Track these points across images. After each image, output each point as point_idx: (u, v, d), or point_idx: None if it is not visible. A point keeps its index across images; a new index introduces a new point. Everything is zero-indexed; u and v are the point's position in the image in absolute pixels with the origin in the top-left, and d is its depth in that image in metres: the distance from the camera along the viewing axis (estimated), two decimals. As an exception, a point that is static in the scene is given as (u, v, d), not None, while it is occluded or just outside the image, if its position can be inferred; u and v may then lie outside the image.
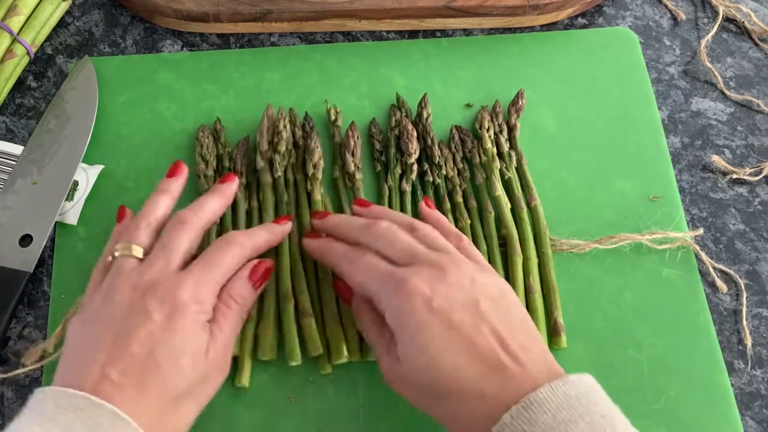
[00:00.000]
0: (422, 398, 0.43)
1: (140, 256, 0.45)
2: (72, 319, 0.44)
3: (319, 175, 0.54)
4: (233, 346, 0.46)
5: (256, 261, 0.48)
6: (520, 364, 0.40)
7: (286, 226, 0.51)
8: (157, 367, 0.40)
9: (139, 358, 0.40)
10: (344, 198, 0.54)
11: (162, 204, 0.48)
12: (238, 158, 0.55)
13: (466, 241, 0.47)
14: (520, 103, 0.58)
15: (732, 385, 0.50)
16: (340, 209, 0.54)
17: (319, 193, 0.53)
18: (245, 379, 0.48)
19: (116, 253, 0.45)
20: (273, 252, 0.51)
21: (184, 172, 0.50)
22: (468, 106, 0.59)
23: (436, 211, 0.50)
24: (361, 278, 0.45)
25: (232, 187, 0.51)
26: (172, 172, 0.50)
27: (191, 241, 0.46)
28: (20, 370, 0.49)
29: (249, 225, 0.53)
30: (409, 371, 0.42)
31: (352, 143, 0.55)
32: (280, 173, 0.54)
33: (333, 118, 0.57)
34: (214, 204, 0.49)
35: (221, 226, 0.53)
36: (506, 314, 0.42)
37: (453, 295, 0.42)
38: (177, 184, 0.50)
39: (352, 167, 0.54)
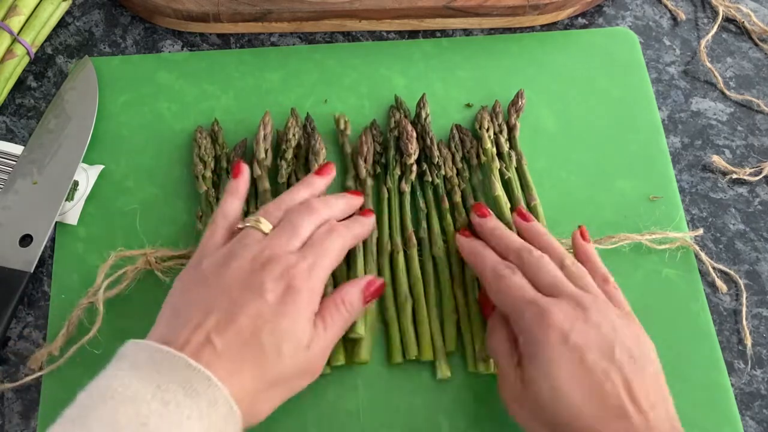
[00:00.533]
0: (533, 424, 0.42)
1: (267, 231, 0.46)
2: (183, 271, 0.45)
3: None
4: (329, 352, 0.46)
5: (373, 276, 0.48)
6: (645, 417, 0.39)
7: (373, 219, 0.52)
8: (260, 347, 0.40)
9: (244, 333, 0.40)
10: None
11: (301, 194, 0.49)
12: (236, 161, 0.55)
13: (613, 283, 0.47)
14: (520, 103, 0.58)
15: (732, 385, 0.50)
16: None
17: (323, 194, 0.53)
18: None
19: (247, 224, 0.46)
20: None
21: (332, 174, 0.52)
22: (468, 106, 0.59)
23: (591, 245, 0.50)
24: (505, 297, 0.45)
25: (354, 202, 0.52)
26: (321, 171, 0.52)
27: (311, 230, 0.46)
28: (29, 377, 0.49)
29: None
30: (531, 397, 0.42)
31: (365, 149, 0.55)
32: (284, 179, 0.54)
33: (342, 127, 0.57)
34: (341, 206, 0.50)
35: None
36: (640, 366, 0.42)
37: (590, 335, 0.42)
38: (321, 183, 0.51)
39: (364, 173, 0.54)
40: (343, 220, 0.50)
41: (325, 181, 0.52)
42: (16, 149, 0.56)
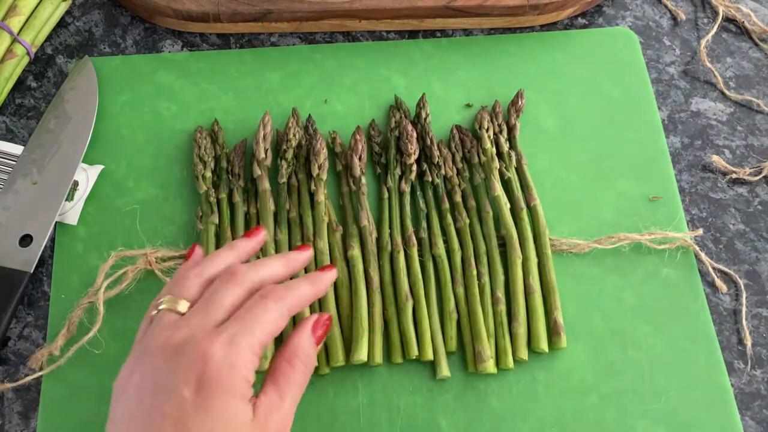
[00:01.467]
0: None
1: (184, 310, 0.39)
2: (119, 374, 0.39)
3: (324, 176, 0.54)
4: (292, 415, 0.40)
5: (316, 314, 0.43)
6: None
7: (331, 275, 0.45)
8: None
9: None
10: (347, 202, 0.54)
11: (223, 260, 0.42)
12: (236, 161, 0.55)
13: None
14: (520, 103, 0.58)
15: (732, 385, 0.50)
16: (342, 211, 0.54)
17: (322, 194, 0.53)
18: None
19: (161, 307, 0.40)
20: None
21: (261, 236, 0.46)
22: (468, 106, 0.59)
23: None
24: None
25: (301, 257, 0.45)
26: (249, 234, 0.45)
27: (238, 299, 0.39)
28: (29, 377, 0.49)
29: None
30: None
31: (360, 147, 0.55)
32: (284, 179, 0.54)
33: (333, 136, 0.57)
34: (275, 267, 0.43)
35: (219, 228, 0.53)
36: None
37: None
38: (248, 247, 0.44)
39: (358, 171, 0.54)
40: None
41: (252, 244, 0.45)
42: (16, 149, 0.56)
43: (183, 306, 0.39)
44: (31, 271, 0.51)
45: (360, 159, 0.55)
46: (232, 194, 0.54)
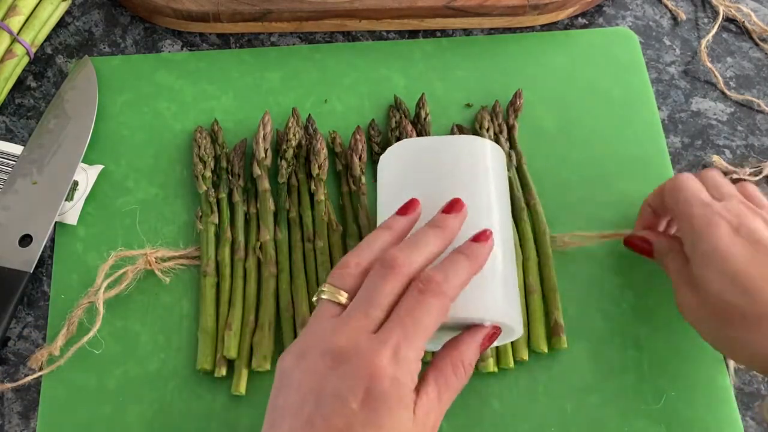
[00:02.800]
0: (712, 326, 0.44)
1: (344, 302, 0.39)
2: (285, 355, 0.39)
3: (324, 176, 0.54)
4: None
5: (490, 326, 0.42)
6: None
7: (489, 245, 0.42)
8: None
9: None
10: (347, 202, 0.54)
11: (381, 244, 0.41)
12: (236, 161, 0.55)
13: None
14: (519, 103, 0.58)
15: (732, 385, 0.50)
16: (341, 211, 0.54)
17: (323, 194, 0.53)
18: (242, 388, 0.48)
19: (322, 296, 0.40)
20: (274, 262, 0.51)
21: (417, 211, 0.44)
22: (468, 106, 0.59)
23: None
24: (683, 195, 0.46)
25: (456, 221, 0.43)
26: (404, 210, 0.44)
27: (396, 294, 0.39)
28: (29, 377, 0.49)
29: (247, 232, 0.53)
30: (705, 297, 0.44)
31: (360, 147, 0.55)
32: (284, 179, 0.54)
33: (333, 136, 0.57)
34: (432, 245, 0.41)
35: (219, 228, 0.53)
36: None
37: (760, 223, 0.43)
38: (405, 225, 0.43)
39: (358, 170, 0.54)
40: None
41: (409, 221, 0.43)
42: (16, 149, 0.56)
43: (342, 297, 0.39)
44: (31, 271, 0.51)
45: (360, 159, 0.55)
46: (232, 194, 0.54)
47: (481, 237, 0.42)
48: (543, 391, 0.49)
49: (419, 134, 0.56)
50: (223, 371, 0.48)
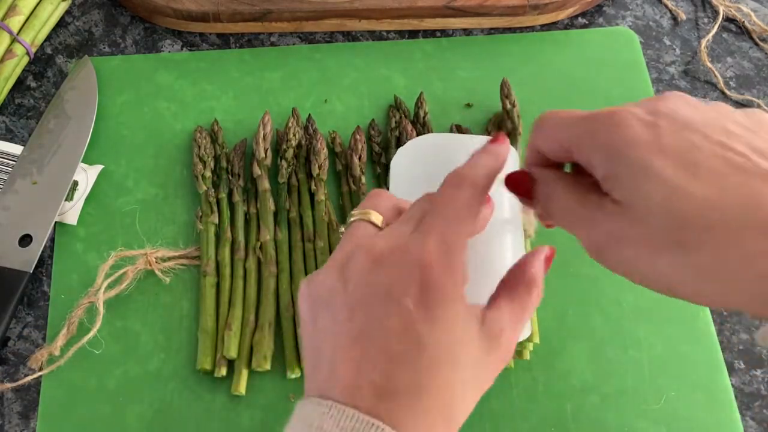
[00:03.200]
0: (659, 259, 0.31)
1: (378, 223, 0.36)
2: (302, 289, 0.35)
3: (325, 176, 0.54)
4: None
5: (547, 247, 0.39)
6: None
7: (506, 145, 0.39)
8: (433, 367, 0.32)
9: (406, 358, 0.32)
10: (347, 202, 0.54)
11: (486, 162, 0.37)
12: (236, 161, 0.55)
13: None
14: (508, 91, 0.57)
15: (732, 385, 0.50)
16: (341, 211, 0.54)
17: (323, 194, 0.53)
18: (242, 388, 0.48)
19: (352, 219, 0.37)
20: (274, 262, 0.51)
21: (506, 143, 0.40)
22: (468, 106, 0.59)
23: None
24: (553, 131, 0.37)
25: (503, 147, 0.39)
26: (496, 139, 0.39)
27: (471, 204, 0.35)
28: (29, 377, 0.49)
29: (247, 232, 0.53)
30: (636, 221, 0.31)
31: (360, 146, 0.55)
32: (284, 179, 0.54)
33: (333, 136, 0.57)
34: (489, 161, 0.37)
35: (219, 228, 0.53)
36: (765, 132, 0.31)
37: (683, 114, 0.32)
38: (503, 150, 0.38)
39: (358, 170, 0.54)
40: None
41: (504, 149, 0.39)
42: (16, 149, 0.56)
43: (376, 218, 0.36)
44: (31, 271, 0.51)
45: (360, 159, 0.55)
46: (232, 194, 0.54)
47: (498, 138, 0.39)
48: (543, 391, 0.49)
49: (419, 134, 0.56)
50: (223, 371, 0.48)
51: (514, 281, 0.37)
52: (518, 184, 0.39)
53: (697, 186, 0.30)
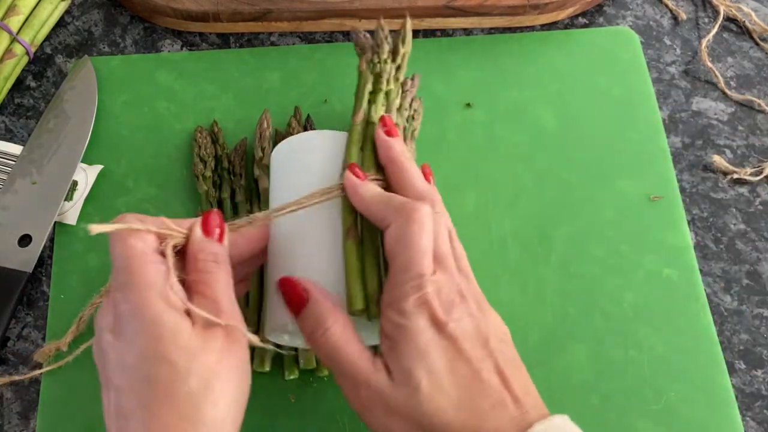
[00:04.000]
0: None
1: None
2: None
3: None
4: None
5: (203, 215, 0.40)
6: (520, 406, 0.37)
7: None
8: (149, 380, 0.34)
9: (134, 381, 0.34)
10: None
11: None
12: (236, 161, 0.55)
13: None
14: (410, 84, 0.53)
15: (732, 385, 0.50)
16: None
17: None
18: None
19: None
20: None
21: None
22: (468, 105, 0.59)
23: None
24: (406, 254, 0.39)
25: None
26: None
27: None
28: (32, 374, 0.48)
29: None
30: (400, 399, 0.37)
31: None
32: None
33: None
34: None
35: None
36: (510, 353, 0.39)
37: (466, 323, 0.38)
38: None
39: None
40: None
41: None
42: (16, 149, 0.56)
43: None
44: (30, 271, 0.51)
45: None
46: (235, 194, 0.54)
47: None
48: (543, 391, 0.49)
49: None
50: None
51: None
52: (290, 291, 0.41)
53: (454, 390, 0.37)
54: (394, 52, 0.49)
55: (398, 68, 0.49)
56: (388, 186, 0.44)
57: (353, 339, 0.39)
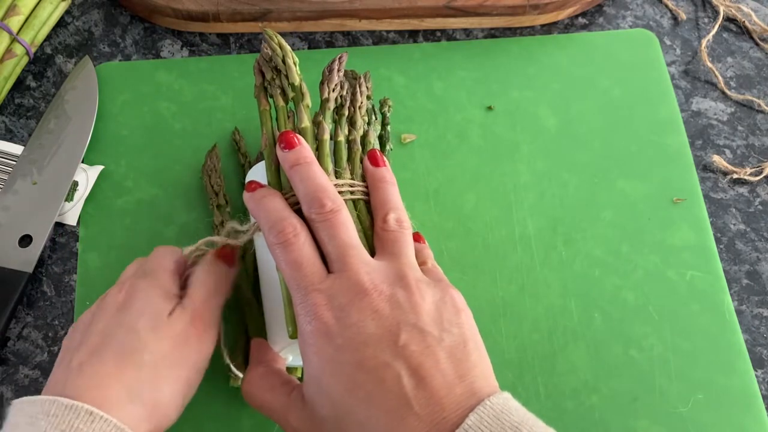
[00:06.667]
0: None
1: None
2: None
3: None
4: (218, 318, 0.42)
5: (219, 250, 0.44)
6: (439, 403, 0.33)
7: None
8: (112, 338, 0.38)
9: (98, 339, 0.38)
10: None
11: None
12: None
13: (422, 241, 0.44)
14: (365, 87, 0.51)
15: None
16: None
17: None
18: (240, 380, 0.48)
19: None
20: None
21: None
22: (489, 108, 0.59)
23: (387, 172, 0.44)
24: (285, 273, 0.38)
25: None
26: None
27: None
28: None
29: None
30: (318, 429, 0.36)
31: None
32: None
33: None
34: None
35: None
36: (436, 342, 0.35)
37: (366, 326, 0.35)
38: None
39: None
40: None
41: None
42: (16, 149, 0.56)
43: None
44: (31, 272, 0.51)
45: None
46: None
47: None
48: (543, 391, 0.49)
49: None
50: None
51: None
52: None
53: (361, 406, 0.34)
54: (276, 68, 0.47)
55: (286, 76, 0.47)
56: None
57: (267, 386, 0.40)
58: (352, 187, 0.43)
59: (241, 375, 0.46)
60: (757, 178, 0.57)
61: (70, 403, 0.35)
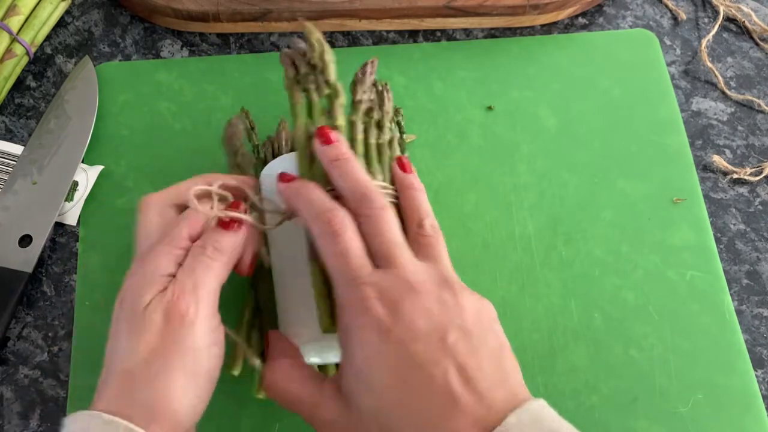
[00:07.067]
0: None
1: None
2: None
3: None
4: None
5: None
6: (483, 403, 0.34)
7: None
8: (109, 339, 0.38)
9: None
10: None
11: None
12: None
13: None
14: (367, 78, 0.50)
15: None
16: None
17: None
18: (237, 370, 0.47)
19: None
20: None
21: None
22: (490, 109, 0.59)
23: (416, 184, 0.43)
24: (331, 263, 0.38)
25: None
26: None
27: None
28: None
29: None
30: (354, 423, 0.36)
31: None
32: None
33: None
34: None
35: None
36: (476, 346, 0.35)
37: (419, 324, 0.35)
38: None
39: None
40: None
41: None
42: (16, 149, 0.56)
43: None
44: (31, 272, 0.51)
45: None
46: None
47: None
48: (543, 391, 0.49)
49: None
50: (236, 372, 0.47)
51: None
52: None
53: (406, 399, 0.34)
54: (311, 64, 0.47)
55: (322, 72, 0.47)
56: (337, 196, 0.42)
57: (295, 377, 0.39)
58: (384, 189, 0.43)
59: (257, 362, 0.44)
60: (757, 178, 0.57)
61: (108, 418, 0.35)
